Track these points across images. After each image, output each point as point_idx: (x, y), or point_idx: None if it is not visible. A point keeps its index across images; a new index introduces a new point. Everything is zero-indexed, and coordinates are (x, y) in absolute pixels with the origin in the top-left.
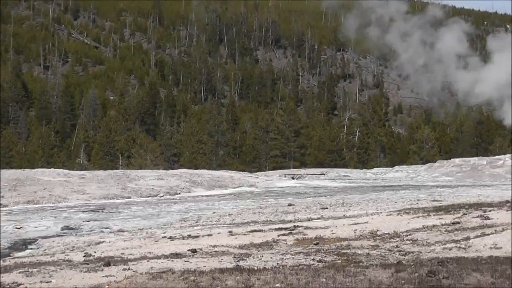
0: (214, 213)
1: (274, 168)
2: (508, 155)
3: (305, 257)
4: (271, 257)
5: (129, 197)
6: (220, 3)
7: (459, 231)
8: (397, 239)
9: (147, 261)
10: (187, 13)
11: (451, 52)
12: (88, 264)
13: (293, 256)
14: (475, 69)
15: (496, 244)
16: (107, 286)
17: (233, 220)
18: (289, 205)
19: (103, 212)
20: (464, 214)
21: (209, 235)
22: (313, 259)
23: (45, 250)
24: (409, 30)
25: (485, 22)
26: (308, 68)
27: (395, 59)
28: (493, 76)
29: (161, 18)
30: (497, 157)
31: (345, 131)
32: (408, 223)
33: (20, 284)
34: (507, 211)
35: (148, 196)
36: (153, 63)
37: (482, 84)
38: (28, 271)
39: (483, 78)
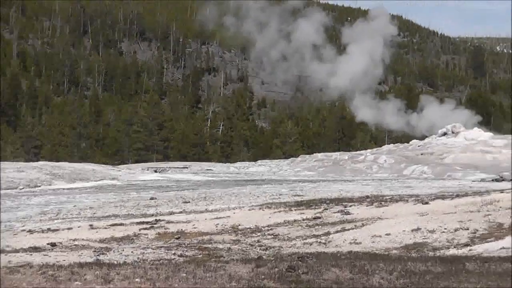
0: (75, 206)
1: (137, 161)
2: (369, 150)
3: (166, 251)
4: (132, 251)
5: None
6: None
7: (320, 226)
8: (259, 233)
9: (5, 255)
10: (51, 3)
11: (308, 43)
12: None
13: (154, 251)
14: (331, 61)
15: (355, 240)
16: None
17: (94, 213)
18: (151, 198)
19: None
20: (325, 209)
21: (69, 228)
22: (174, 254)
23: None
24: (267, 20)
25: (349, 18)
26: (172, 61)
27: (254, 51)
28: (347, 69)
29: (24, 8)
30: (358, 152)
31: (208, 125)
32: (270, 217)
33: None
34: (367, 206)
35: (7, 189)
36: (15, 54)
37: (337, 77)
38: None
39: (337, 71)
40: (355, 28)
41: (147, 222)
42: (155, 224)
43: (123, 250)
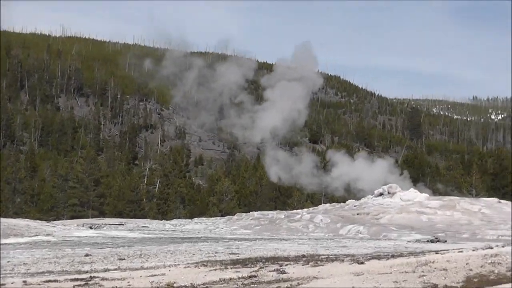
0: (8, 262)
1: (72, 217)
2: (306, 210)
3: None
4: None
5: None
6: (22, 50)
7: (255, 285)
8: None
9: None
10: None
11: (229, 94)
12: None
13: None
14: (250, 113)
15: None
16: None
17: (28, 269)
18: (86, 255)
19: None
20: (261, 267)
21: (3, 284)
22: None
23: None
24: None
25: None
26: (110, 117)
27: (193, 109)
28: (264, 122)
29: None
30: (295, 211)
31: (145, 181)
32: (205, 275)
33: None
34: (302, 265)
35: None
36: None
37: (253, 130)
38: None
39: (256, 124)
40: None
41: (81, 279)
42: (89, 281)
43: None
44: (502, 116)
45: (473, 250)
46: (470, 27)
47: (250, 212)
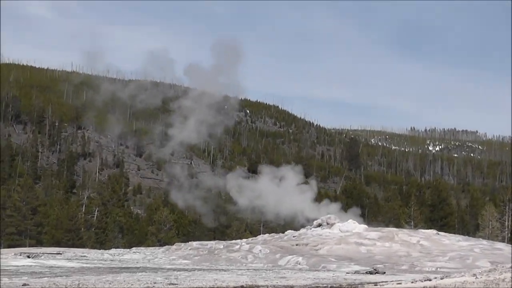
0: None
1: (9, 246)
2: (245, 240)
3: None
4: None
5: None
6: None
7: None
8: None
9: None
10: None
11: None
12: None
13: None
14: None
15: None
16: None
17: None
18: (24, 285)
19: None
20: None
21: None
22: None
23: None
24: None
25: (226, 106)
26: (48, 145)
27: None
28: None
29: None
30: (234, 241)
31: (83, 210)
32: None
33: None
34: None
35: None
36: None
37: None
38: None
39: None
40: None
41: None
42: None
43: None
44: (440, 147)
45: (412, 282)
46: (409, 58)
47: (189, 242)
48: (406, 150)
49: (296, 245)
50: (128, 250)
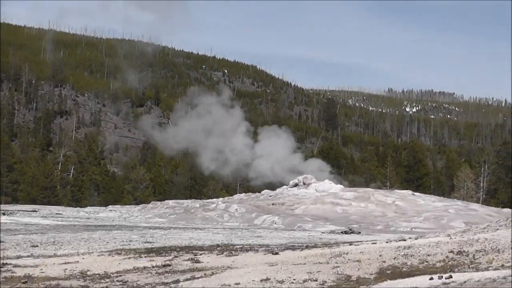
0: None
1: None
2: (221, 199)
3: None
4: None
5: None
6: None
7: (170, 274)
8: (107, 280)
9: None
10: None
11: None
12: None
13: None
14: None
15: None
16: None
17: None
18: None
19: None
20: (175, 256)
21: None
22: None
23: None
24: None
25: (204, 66)
26: (24, 102)
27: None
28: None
29: None
30: (210, 200)
31: (59, 168)
32: (119, 264)
33: None
34: (217, 255)
35: None
36: None
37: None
38: None
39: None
40: None
41: None
42: (1, 267)
43: None
44: (417, 108)
45: (387, 242)
46: (388, 19)
47: (165, 201)
48: (383, 111)
49: (272, 204)
50: (104, 208)
